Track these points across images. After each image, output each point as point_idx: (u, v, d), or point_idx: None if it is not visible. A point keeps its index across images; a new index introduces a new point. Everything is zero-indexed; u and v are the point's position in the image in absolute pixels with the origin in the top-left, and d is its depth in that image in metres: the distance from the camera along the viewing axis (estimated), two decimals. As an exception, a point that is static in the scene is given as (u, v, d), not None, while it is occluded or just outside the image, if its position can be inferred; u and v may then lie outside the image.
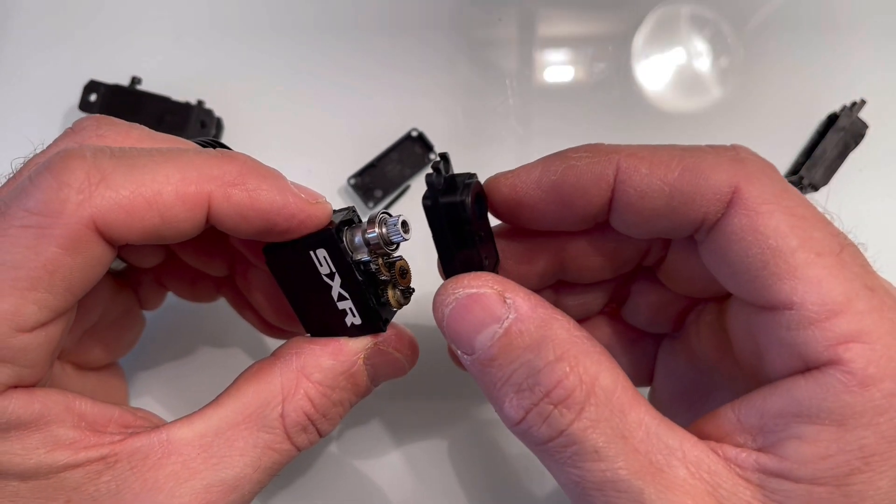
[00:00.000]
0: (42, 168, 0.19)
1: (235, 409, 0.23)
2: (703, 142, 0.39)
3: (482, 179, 0.24)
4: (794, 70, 0.40)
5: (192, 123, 0.37)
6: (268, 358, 0.24)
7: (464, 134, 0.39)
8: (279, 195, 0.21)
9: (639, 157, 0.21)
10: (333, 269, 0.23)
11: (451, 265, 0.22)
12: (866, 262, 0.19)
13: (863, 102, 0.38)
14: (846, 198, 0.39)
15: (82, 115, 0.38)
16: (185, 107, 0.38)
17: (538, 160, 0.23)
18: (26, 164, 0.22)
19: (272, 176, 0.22)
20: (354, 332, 0.24)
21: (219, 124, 0.39)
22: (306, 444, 0.24)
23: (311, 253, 0.23)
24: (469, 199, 0.21)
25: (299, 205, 0.22)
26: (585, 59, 0.41)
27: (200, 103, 0.38)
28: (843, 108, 0.38)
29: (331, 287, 0.23)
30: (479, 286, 0.21)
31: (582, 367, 0.19)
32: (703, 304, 0.25)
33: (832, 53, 0.40)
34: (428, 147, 0.38)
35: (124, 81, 0.38)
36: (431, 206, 0.21)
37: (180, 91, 0.38)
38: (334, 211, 0.24)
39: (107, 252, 0.20)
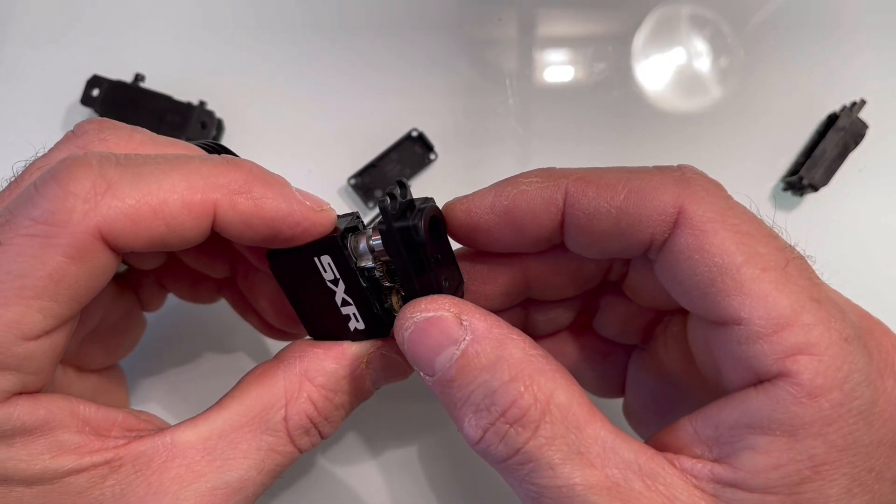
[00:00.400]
0: (47, 176, 0.19)
1: (239, 412, 0.23)
2: (702, 142, 0.39)
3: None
4: (794, 70, 0.40)
5: (193, 124, 0.37)
6: (271, 361, 0.24)
7: (464, 134, 0.39)
8: (284, 203, 0.21)
9: (587, 180, 0.21)
10: (337, 276, 0.23)
11: (411, 288, 0.23)
12: (813, 273, 0.20)
13: (863, 102, 0.38)
14: (846, 198, 0.39)
15: (84, 109, 0.38)
16: (187, 107, 0.38)
17: (492, 185, 0.24)
18: (27, 169, 0.22)
19: (277, 183, 0.22)
20: (357, 336, 0.24)
21: (220, 125, 0.39)
22: (308, 447, 0.24)
23: (315, 259, 0.23)
24: (421, 223, 0.21)
25: (304, 212, 0.22)
26: (585, 59, 0.41)
27: (202, 104, 0.38)
28: (843, 108, 0.38)
29: (334, 292, 0.23)
30: (436, 309, 0.21)
31: (536, 386, 0.20)
32: (669, 315, 0.26)
33: (832, 53, 0.40)
34: (428, 147, 0.38)
35: (128, 78, 0.38)
36: (386, 230, 0.22)
37: (182, 90, 0.38)
38: (338, 216, 0.24)
39: (112, 260, 0.20)
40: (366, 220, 0.24)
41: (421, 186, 0.39)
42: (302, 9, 0.41)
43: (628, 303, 0.26)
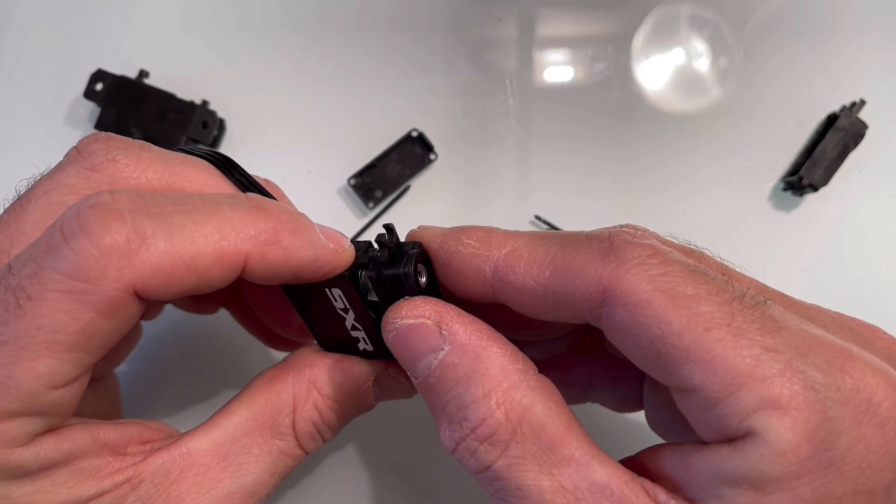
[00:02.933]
0: (76, 225, 0.18)
1: (249, 417, 0.23)
2: (702, 142, 0.39)
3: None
4: (794, 70, 0.40)
5: (195, 123, 0.38)
6: (279, 366, 0.25)
7: (464, 134, 0.39)
8: (311, 251, 0.21)
9: (517, 255, 0.21)
10: (347, 306, 0.23)
11: None
12: (766, 317, 0.18)
13: (863, 102, 0.38)
14: (846, 198, 0.39)
15: (88, 103, 0.39)
16: (190, 105, 0.38)
17: (450, 228, 0.23)
18: (32, 191, 0.21)
19: (304, 228, 0.21)
20: (366, 356, 0.25)
21: (221, 125, 0.39)
22: (314, 450, 0.25)
23: (327, 290, 0.23)
24: (412, 271, 0.22)
25: (328, 257, 0.22)
26: (585, 59, 0.41)
27: (205, 103, 0.38)
28: (843, 108, 0.38)
29: (345, 318, 0.24)
30: (416, 316, 0.21)
31: (510, 403, 0.19)
32: None
33: (832, 53, 0.40)
34: (428, 147, 0.38)
35: (132, 74, 0.38)
36: (376, 278, 0.22)
37: (185, 89, 0.38)
38: (352, 241, 0.24)
39: (140, 307, 0.19)
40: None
41: (421, 186, 0.39)
42: (303, 9, 0.41)
43: None
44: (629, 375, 0.28)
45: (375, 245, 0.23)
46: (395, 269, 0.22)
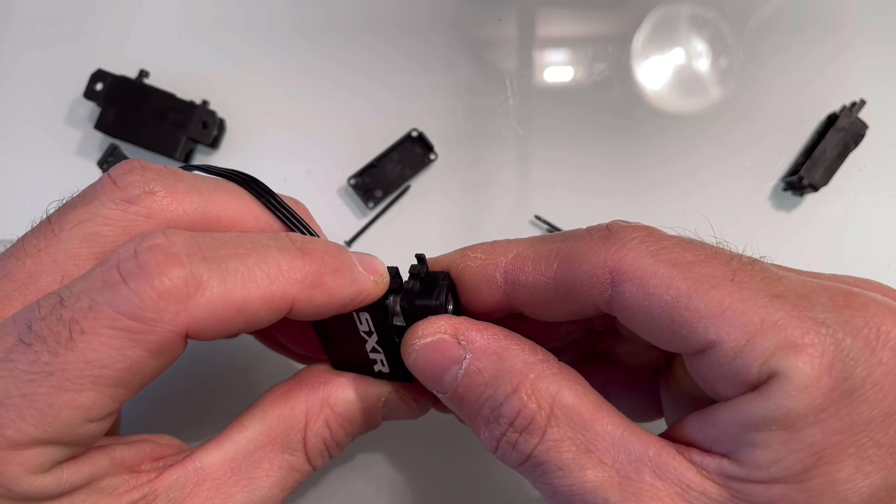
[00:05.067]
0: (134, 266, 0.18)
1: (261, 432, 0.23)
2: (702, 142, 0.39)
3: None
4: (795, 70, 0.40)
5: (195, 123, 0.38)
6: (291, 381, 0.25)
7: (464, 134, 0.39)
8: (353, 287, 0.22)
9: (523, 257, 0.23)
10: (372, 329, 0.24)
11: None
12: (767, 271, 0.19)
13: (863, 102, 0.38)
14: (846, 198, 0.39)
15: (87, 103, 0.39)
16: (190, 105, 0.38)
17: (454, 251, 0.24)
18: (63, 215, 0.21)
19: (346, 267, 0.22)
20: (381, 377, 0.25)
21: (221, 125, 0.39)
22: (321, 466, 0.25)
23: (355, 314, 0.24)
24: (443, 302, 0.23)
25: (368, 290, 0.22)
26: (585, 59, 0.41)
27: (205, 103, 0.38)
28: (843, 108, 0.38)
29: (366, 341, 0.24)
30: (433, 333, 0.22)
31: (539, 393, 0.20)
32: None
33: (832, 53, 0.40)
34: (428, 147, 0.38)
35: (132, 74, 0.38)
36: (409, 308, 0.23)
37: (185, 89, 0.38)
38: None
39: (185, 347, 0.20)
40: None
41: (421, 186, 0.39)
42: (304, 10, 0.41)
43: (627, 339, 0.26)
44: (643, 380, 0.28)
45: (401, 271, 0.23)
46: (427, 300, 0.23)
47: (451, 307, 0.24)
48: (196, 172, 0.24)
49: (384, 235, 0.38)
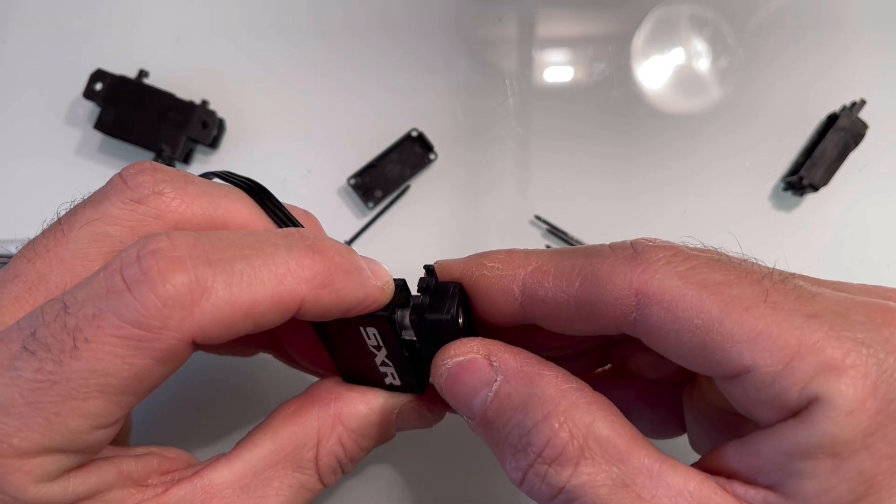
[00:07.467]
0: (138, 274, 0.18)
1: (272, 450, 0.23)
2: (702, 142, 0.39)
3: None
4: (795, 70, 0.40)
5: (195, 122, 0.38)
6: (302, 397, 0.25)
7: (464, 134, 0.39)
8: (361, 291, 0.21)
9: (543, 270, 0.22)
10: (381, 344, 0.23)
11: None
12: (798, 288, 0.19)
13: (863, 102, 0.38)
14: (846, 198, 0.39)
15: (87, 103, 0.39)
16: (189, 105, 0.38)
17: (467, 257, 0.24)
18: (74, 216, 0.21)
19: (355, 269, 0.21)
20: (392, 389, 0.25)
21: (221, 125, 0.39)
22: (332, 483, 0.25)
23: (362, 328, 0.23)
24: (454, 315, 0.22)
25: (375, 295, 0.22)
26: (585, 59, 0.41)
27: (205, 103, 0.38)
28: (843, 108, 0.38)
29: (375, 355, 0.24)
30: (465, 353, 0.21)
31: (572, 422, 0.19)
32: None
33: (833, 53, 0.40)
34: (428, 147, 0.38)
35: (131, 74, 0.38)
36: (418, 322, 0.22)
37: (185, 89, 0.38)
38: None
39: (192, 352, 0.19)
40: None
41: (421, 186, 0.39)
42: (303, 10, 0.41)
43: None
44: (664, 394, 0.27)
45: (408, 283, 0.23)
46: (437, 313, 0.22)
47: (462, 320, 0.23)
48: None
49: (384, 235, 0.38)
